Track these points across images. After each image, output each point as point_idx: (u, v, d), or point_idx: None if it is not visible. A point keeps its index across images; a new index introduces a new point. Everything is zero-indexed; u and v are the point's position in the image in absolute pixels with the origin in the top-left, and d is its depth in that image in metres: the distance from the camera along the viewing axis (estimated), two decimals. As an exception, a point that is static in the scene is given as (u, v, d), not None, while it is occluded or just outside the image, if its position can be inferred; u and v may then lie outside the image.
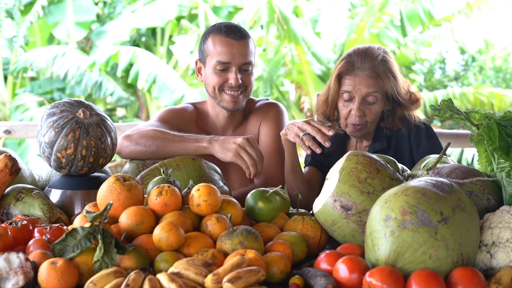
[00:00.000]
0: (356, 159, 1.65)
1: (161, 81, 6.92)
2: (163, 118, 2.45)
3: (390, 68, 2.33)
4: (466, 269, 1.32)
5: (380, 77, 2.29)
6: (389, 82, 2.30)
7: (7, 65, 9.13)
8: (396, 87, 2.33)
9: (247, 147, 2.07)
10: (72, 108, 1.93)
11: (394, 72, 2.34)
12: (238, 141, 2.08)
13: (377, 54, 2.34)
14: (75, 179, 1.95)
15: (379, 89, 2.29)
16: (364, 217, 1.58)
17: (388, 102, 2.36)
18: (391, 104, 2.37)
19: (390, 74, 2.31)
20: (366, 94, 2.29)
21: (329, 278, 1.36)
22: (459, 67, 11.39)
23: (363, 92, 2.29)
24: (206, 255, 1.45)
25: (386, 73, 2.30)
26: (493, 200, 1.65)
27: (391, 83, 2.31)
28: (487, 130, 1.64)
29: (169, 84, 6.93)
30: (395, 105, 2.37)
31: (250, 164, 2.06)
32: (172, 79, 7.05)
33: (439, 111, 1.82)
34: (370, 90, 2.28)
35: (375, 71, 2.29)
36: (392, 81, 2.32)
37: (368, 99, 2.30)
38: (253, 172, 2.07)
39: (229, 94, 2.35)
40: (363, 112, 2.31)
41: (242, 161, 2.07)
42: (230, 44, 2.31)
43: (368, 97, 2.30)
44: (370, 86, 2.28)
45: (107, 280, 1.33)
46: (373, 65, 2.30)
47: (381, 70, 2.30)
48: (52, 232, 1.54)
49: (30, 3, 8.89)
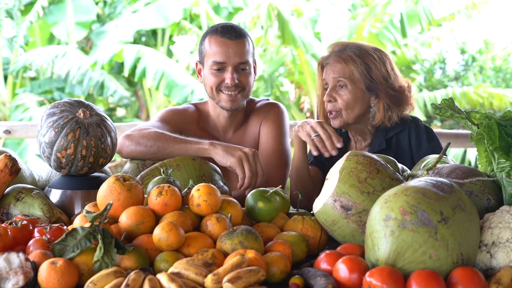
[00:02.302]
0: (356, 159, 1.65)
1: (169, 78, 6.87)
2: (164, 119, 2.45)
3: (360, 54, 2.33)
4: (466, 269, 1.32)
5: (345, 61, 2.32)
6: (356, 66, 2.31)
7: (7, 65, 9.13)
8: (371, 73, 2.32)
9: (251, 159, 2.08)
10: (72, 108, 1.93)
11: (364, 58, 2.33)
12: (245, 150, 2.10)
13: (350, 44, 2.39)
14: (75, 179, 1.95)
15: (346, 74, 2.31)
16: (364, 217, 1.58)
17: (370, 93, 2.35)
18: (376, 96, 2.35)
19: (358, 59, 2.32)
20: (334, 80, 2.33)
21: (329, 278, 1.36)
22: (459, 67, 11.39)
23: (331, 77, 2.33)
24: (206, 255, 1.45)
25: (352, 58, 2.32)
26: (493, 200, 1.65)
27: (360, 68, 2.31)
28: (487, 129, 1.64)
29: (178, 81, 6.88)
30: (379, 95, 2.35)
31: (248, 176, 2.07)
32: (180, 75, 7.00)
33: (440, 110, 1.82)
34: (335, 75, 2.32)
35: (339, 56, 2.34)
36: (360, 66, 2.31)
37: (338, 84, 2.33)
38: (246, 184, 2.08)
39: (226, 94, 2.36)
40: (333, 97, 2.33)
41: (242, 170, 2.08)
42: (225, 44, 2.32)
43: (337, 83, 2.33)
44: (336, 72, 2.32)
45: (107, 280, 1.33)
46: (340, 50, 2.35)
47: (347, 54, 2.33)
48: (52, 232, 1.54)
49: (30, 3, 8.89)
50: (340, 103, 2.33)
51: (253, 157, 2.09)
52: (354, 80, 2.31)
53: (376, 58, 2.34)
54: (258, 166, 2.10)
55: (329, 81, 2.35)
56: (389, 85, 2.34)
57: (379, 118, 2.35)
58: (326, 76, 2.36)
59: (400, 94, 2.36)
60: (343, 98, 2.32)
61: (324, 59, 2.41)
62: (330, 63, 2.36)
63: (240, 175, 2.08)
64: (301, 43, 6.70)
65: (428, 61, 10.72)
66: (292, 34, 6.71)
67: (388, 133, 2.38)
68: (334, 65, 2.34)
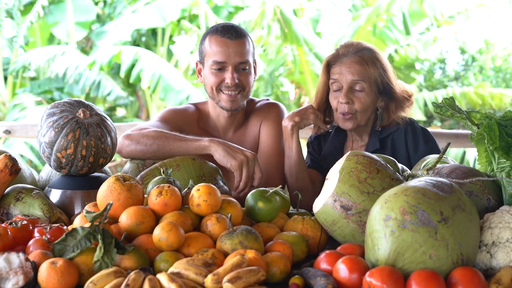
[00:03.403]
0: (356, 159, 1.64)
1: (165, 82, 6.88)
2: (164, 118, 2.45)
3: (377, 56, 2.35)
4: (466, 269, 1.32)
5: (366, 63, 2.31)
6: (376, 69, 2.32)
7: (7, 65, 9.12)
8: (385, 76, 2.34)
9: (251, 163, 2.10)
10: (72, 108, 1.93)
11: (381, 61, 2.35)
12: (247, 154, 2.11)
13: (364, 45, 2.38)
14: (75, 179, 1.95)
15: (365, 76, 2.31)
16: (364, 217, 1.58)
17: (381, 96, 2.36)
18: (384, 99, 2.37)
19: (377, 62, 2.33)
20: (352, 81, 2.31)
21: (329, 278, 1.36)
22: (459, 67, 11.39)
23: (349, 79, 2.31)
24: (206, 255, 1.45)
25: (372, 60, 2.32)
26: (493, 200, 1.65)
27: (379, 71, 2.32)
28: (488, 129, 1.64)
29: (174, 85, 6.90)
30: (389, 100, 2.37)
31: (244, 181, 2.08)
32: (177, 79, 7.02)
33: (440, 109, 1.82)
34: (355, 78, 2.31)
35: (360, 56, 2.32)
36: (379, 69, 2.33)
37: (356, 87, 2.32)
38: (241, 187, 2.09)
39: (226, 94, 2.36)
40: (350, 99, 2.32)
41: (240, 173, 2.08)
42: (225, 43, 2.32)
43: (355, 85, 2.31)
44: (355, 73, 2.31)
45: (107, 280, 1.33)
46: (358, 51, 2.34)
47: (367, 56, 2.33)
48: (52, 232, 1.54)
49: (30, 3, 8.89)
50: (358, 105, 2.32)
51: (253, 161, 2.11)
52: (371, 83, 2.32)
53: (386, 62, 2.38)
54: (256, 169, 2.11)
55: (344, 81, 2.32)
56: (396, 88, 2.37)
57: (389, 120, 2.38)
58: (340, 77, 2.32)
59: (403, 97, 2.39)
60: (361, 101, 2.32)
61: (335, 58, 2.37)
62: (345, 63, 2.32)
63: (238, 178, 2.09)
64: (303, 42, 6.71)
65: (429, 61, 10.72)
66: (295, 33, 6.71)
67: (382, 133, 2.39)
68: (352, 66, 2.31)
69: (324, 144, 2.54)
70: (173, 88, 6.88)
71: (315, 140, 2.57)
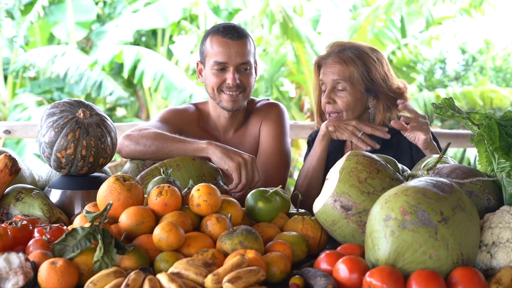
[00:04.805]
0: (356, 159, 1.64)
1: (168, 81, 6.87)
2: (165, 119, 2.45)
3: (360, 55, 2.33)
4: (466, 269, 1.32)
5: (345, 63, 2.31)
6: (357, 68, 2.31)
7: (7, 65, 9.12)
8: (371, 75, 2.32)
9: (249, 166, 2.08)
10: (72, 108, 1.93)
11: (365, 59, 2.33)
12: (245, 157, 2.09)
13: (349, 44, 2.38)
14: (75, 179, 1.95)
15: (346, 76, 2.31)
16: (364, 217, 1.58)
17: (369, 95, 2.36)
18: (373, 97, 2.36)
19: (358, 61, 2.32)
20: (333, 81, 2.32)
21: (329, 278, 1.36)
22: (460, 67, 11.39)
23: (330, 79, 2.33)
24: (206, 255, 1.45)
25: (352, 59, 2.32)
26: (493, 200, 1.65)
27: (360, 69, 2.31)
28: (488, 130, 1.63)
29: (176, 84, 6.89)
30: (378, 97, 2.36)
31: (242, 183, 2.07)
32: (179, 78, 7.00)
33: (440, 109, 1.81)
34: (335, 77, 2.32)
35: (340, 56, 2.33)
36: (361, 67, 2.31)
37: (338, 86, 2.33)
38: (239, 189, 2.08)
39: (227, 94, 2.36)
40: (332, 99, 2.33)
41: (238, 176, 2.06)
42: (227, 44, 2.32)
43: (337, 85, 2.32)
44: (335, 73, 2.32)
45: (107, 280, 1.33)
46: (340, 51, 2.35)
47: (347, 56, 2.32)
48: (52, 232, 1.54)
49: (30, 3, 8.88)
50: (340, 104, 2.33)
51: (251, 164, 2.08)
52: (353, 82, 2.32)
53: (375, 60, 2.35)
54: (255, 173, 2.09)
55: (327, 82, 2.34)
56: (387, 86, 2.35)
57: (380, 119, 2.36)
58: (324, 77, 2.35)
59: (398, 94, 2.37)
60: (343, 100, 2.32)
61: (322, 59, 2.40)
62: (328, 64, 2.35)
63: (236, 180, 2.07)
64: (306, 40, 6.71)
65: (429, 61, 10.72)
66: (296, 31, 6.71)
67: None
68: (333, 66, 2.33)
69: None
70: (175, 87, 6.87)
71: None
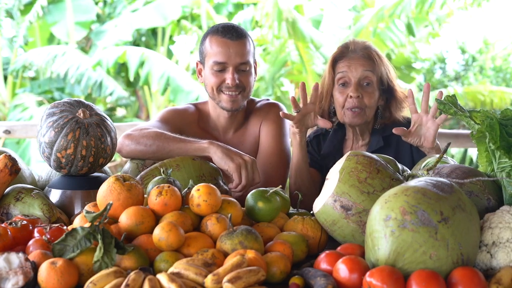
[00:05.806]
0: (356, 159, 1.64)
1: (174, 83, 6.87)
2: (165, 119, 2.45)
3: (381, 55, 2.40)
4: (466, 269, 1.32)
5: (373, 58, 2.36)
6: (382, 65, 2.37)
7: (7, 65, 9.12)
8: (389, 74, 2.39)
9: (249, 168, 2.08)
10: (72, 108, 1.93)
11: (386, 60, 2.41)
12: (245, 158, 2.09)
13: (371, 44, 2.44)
14: (75, 179, 1.95)
15: (374, 71, 2.35)
16: (364, 217, 1.58)
17: (383, 95, 2.40)
18: (384, 98, 2.41)
19: (383, 59, 2.38)
20: (362, 75, 2.33)
21: (329, 278, 1.36)
22: (460, 67, 11.39)
23: (359, 71, 2.34)
24: (206, 255, 1.45)
25: (379, 56, 2.38)
26: (493, 200, 1.65)
27: (385, 67, 2.37)
28: (489, 129, 1.63)
29: (183, 86, 6.88)
30: (389, 97, 2.41)
31: (243, 185, 2.07)
32: (185, 80, 7.00)
33: (444, 106, 1.80)
34: (366, 69, 2.33)
35: (368, 52, 2.37)
36: (385, 65, 2.38)
37: (364, 81, 2.34)
38: (238, 189, 2.08)
39: (227, 94, 2.36)
40: (361, 93, 2.33)
41: (239, 177, 2.07)
42: (226, 44, 2.32)
43: (364, 80, 2.34)
44: (365, 65, 2.34)
45: (107, 280, 1.33)
46: (367, 48, 2.39)
47: (374, 52, 2.38)
48: (52, 232, 1.54)
49: (30, 3, 8.88)
50: (367, 100, 2.34)
51: (251, 166, 2.08)
52: (377, 79, 2.36)
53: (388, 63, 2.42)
54: (255, 175, 2.09)
55: (353, 76, 2.34)
56: (396, 88, 2.41)
57: (391, 119, 2.41)
58: (349, 69, 2.34)
59: (402, 97, 2.42)
60: (371, 95, 2.35)
61: (343, 53, 2.39)
62: (354, 58, 2.36)
63: (236, 181, 2.07)
64: (310, 40, 6.71)
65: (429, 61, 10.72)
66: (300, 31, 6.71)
67: (385, 131, 2.40)
68: (362, 60, 2.35)
69: (323, 143, 2.54)
70: (182, 90, 6.86)
71: (314, 139, 2.56)
